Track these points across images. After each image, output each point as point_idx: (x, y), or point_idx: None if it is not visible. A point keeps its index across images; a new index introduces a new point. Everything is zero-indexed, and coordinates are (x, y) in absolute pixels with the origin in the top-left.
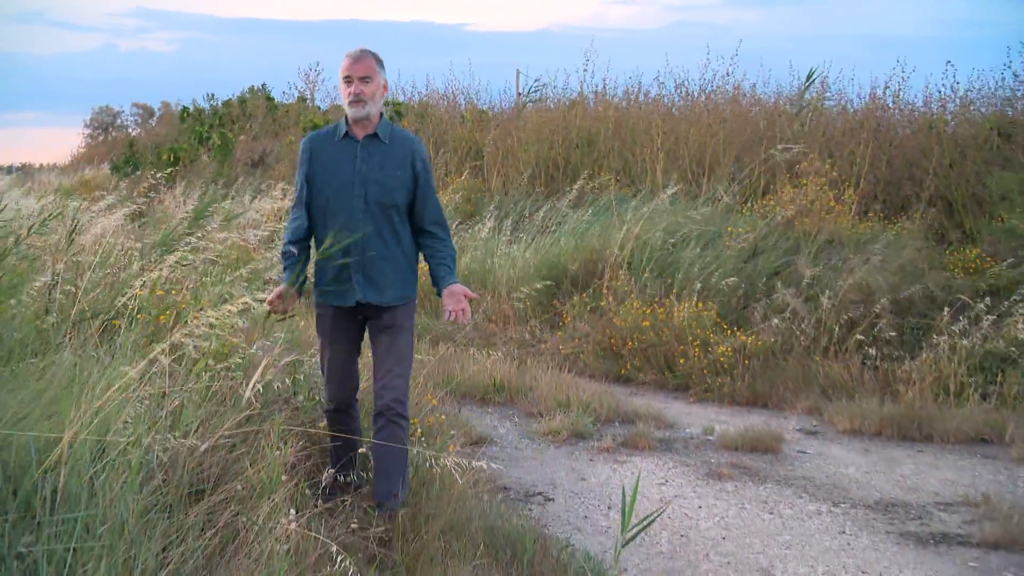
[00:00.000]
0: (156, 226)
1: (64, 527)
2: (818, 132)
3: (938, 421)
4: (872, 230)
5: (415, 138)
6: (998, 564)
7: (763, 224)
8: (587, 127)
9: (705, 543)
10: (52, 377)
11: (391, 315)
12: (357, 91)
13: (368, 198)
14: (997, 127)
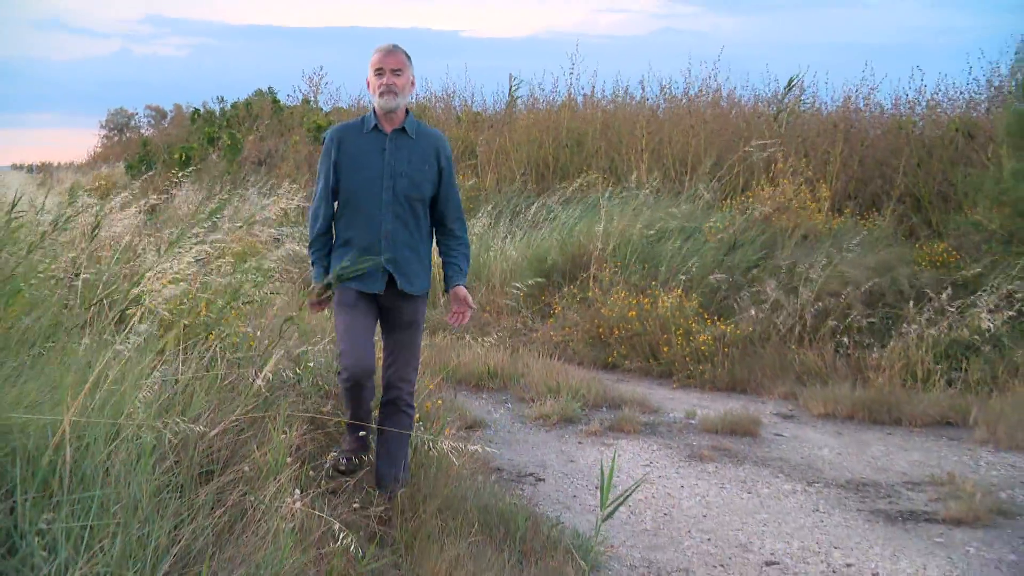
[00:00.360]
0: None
1: (81, 506)
2: (794, 133)
3: (906, 405)
4: (845, 226)
5: (440, 134)
6: (961, 539)
7: (742, 220)
8: (576, 128)
9: (687, 521)
10: (70, 364)
11: (412, 308)
12: (389, 82)
13: (396, 191)
14: (962, 128)
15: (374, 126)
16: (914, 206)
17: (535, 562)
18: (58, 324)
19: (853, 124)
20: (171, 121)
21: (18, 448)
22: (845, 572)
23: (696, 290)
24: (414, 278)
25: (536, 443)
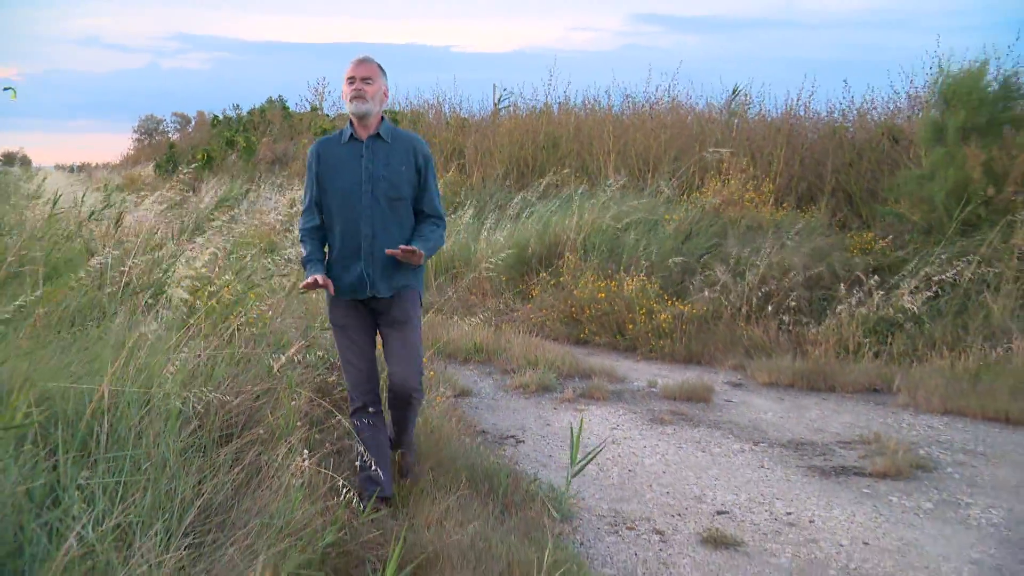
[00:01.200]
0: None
1: (115, 464)
2: (742, 136)
3: (839, 375)
4: (786, 218)
5: (416, 136)
6: (886, 491)
7: (696, 211)
8: (552, 132)
9: (649, 476)
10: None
11: (400, 308)
12: (358, 87)
13: (375, 194)
14: (887, 133)
15: (350, 136)
16: (846, 200)
17: (515, 513)
18: (94, 304)
19: (793, 129)
20: (194, 126)
21: (59, 413)
22: (786, 520)
23: (657, 274)
24: (394, 276)
25: (516, 409)
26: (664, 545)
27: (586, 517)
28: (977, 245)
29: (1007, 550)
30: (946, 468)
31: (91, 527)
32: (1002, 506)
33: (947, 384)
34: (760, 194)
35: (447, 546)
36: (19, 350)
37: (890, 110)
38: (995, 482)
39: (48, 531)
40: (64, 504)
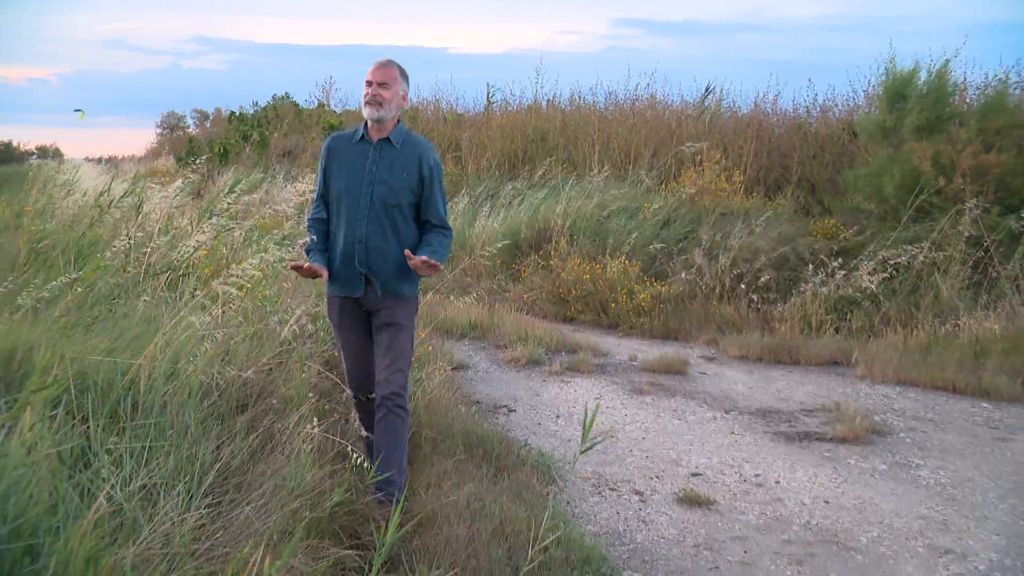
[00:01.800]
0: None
1: (142, 430)
2: (715, 131)
3: (803, 349)
4: (755, 206)
5: (427, 145)
6: (845, 454)
7: (673, 200)
8: (540, 127)
9: (630, 442)
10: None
11: (390, 312)
12: (374, 93)
13: (374, 197)
14: (846, 128)
15: (362, 136)
16: (809, 190)
17: (507, 476)
18: (120, 286)
19: (762, 124)
20: (212, 121)
21: (91, 384)
22: (754, 481)
23: (637, 257)
24: (384, 280)
25: (508, 381)
26: (643, 504)
27: (572, 480)
28: (928, 231)
29: (953, 507)
30: (899, 433)
31: (119, 488)
32: (948, 467)
33: (900, 357)
34: (732, 184)
35: (444, 506)
36: (53, 326)
37: (849, 107)
38: (943, 446)
39: (80, 491)
40: (94, 466)
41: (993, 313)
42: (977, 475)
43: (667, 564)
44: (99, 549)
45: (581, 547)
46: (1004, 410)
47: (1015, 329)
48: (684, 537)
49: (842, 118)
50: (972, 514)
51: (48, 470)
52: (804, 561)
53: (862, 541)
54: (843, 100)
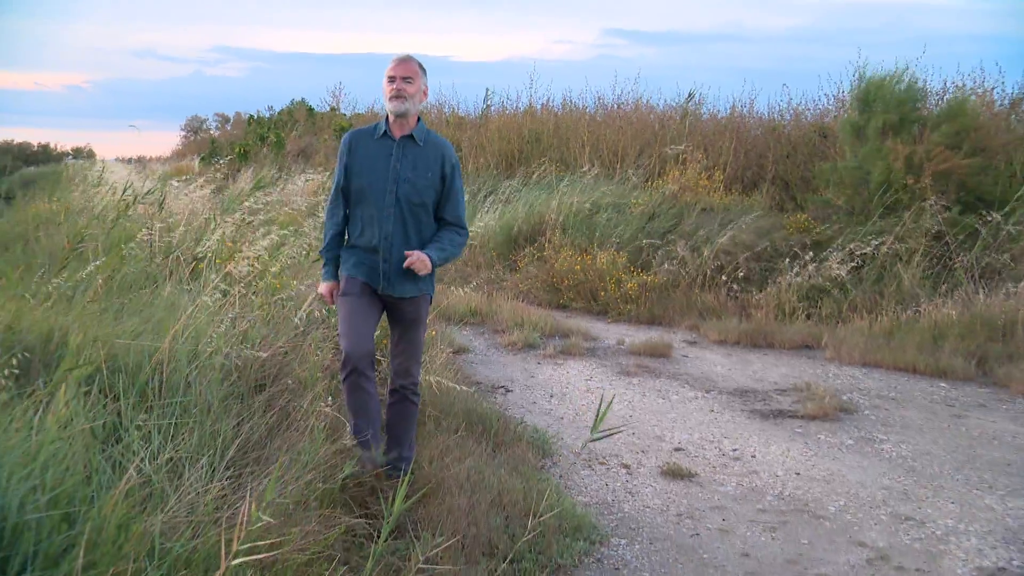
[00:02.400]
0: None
1: (168, 408)
2: (696, 133)
3: (777, 333)
4: (733, 202)
5: (447, 143)
6: (815, 430)
7: (658, 196)
8: (535, 128)
9: (618, 420)
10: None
11: (412, 307)
12: (399, 87)
13: (399, 195)
14: (817, 130)
15: (384, 132)
16: (783, 187)
17: (505, 450)
18: (146, 274)
19: (739, 126)
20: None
21: (121, 366)
22: (732, 455)
23: (625, 249)
24: (407, 282)
25: (505, 363)
26: (630, 477)
27: (564, 454)
28: (893, 225)
29: (913, 477)
30: (864, 411)
31: (148, 461)
32: (909, 441)
33: (866, 341)
34: (711, 181)
35: (447, 477)
36: (85, 312)
37: (819, 111)
38: (904, 422)
39: (112, 464)
40: (125, 441)
41: (950, 300)
42: (935, 449)
43: (652, 532)
44: (130, 517)
45: (573, 516)
46: (960, 389)
47: (970, 315)
48: (667, 507)
49: (813, 121)
50: (930, 484)
51: (82, 444)
52: (777, 528)
53: (830, 510)
54: (813, 104)
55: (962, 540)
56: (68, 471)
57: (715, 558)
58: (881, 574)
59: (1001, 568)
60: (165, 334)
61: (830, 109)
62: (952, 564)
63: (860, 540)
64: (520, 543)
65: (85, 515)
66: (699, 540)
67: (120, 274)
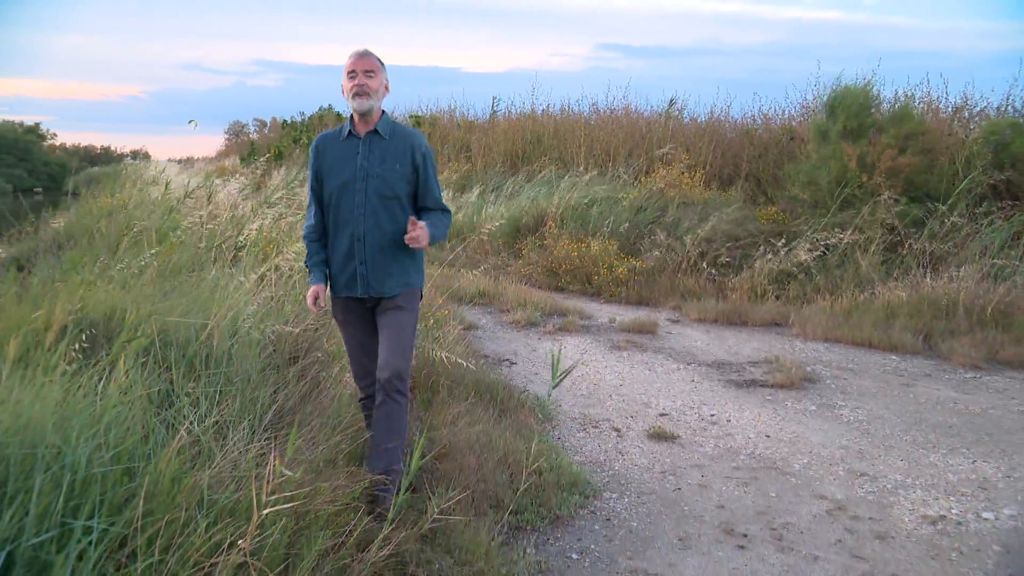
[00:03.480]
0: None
1: (214, 377)
2: (679, 135)
3: (750, 313)
4: (712, 196)
5: (415, 132)
6: (783, 397)
7: (645, 192)
8: (536, 131)
9: (609, 389)
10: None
11: (392, 300)
12: (361, 83)
13: (368, 192)
14: (786, 133)
15: (348, 131)
16: (756, 183)
17: (509, 416)
18: (194, 260)
19: (717, 130)
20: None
21: (172, 340)
22: (710, 419)
23: (616, 238)
24: (386, 279)
25: (510, 339)
26: (620, 439)
27: (562, 419)
28: (852, 217)
29: (867, 439)
30: (826, 380)
31: (196, 423)
32: (864, 407)
33: (827, 319)
34: (693, 179)
35: (458, 440)
36: (141, 293)
37: (787, 116)
38: (860, 390)
39: (165, 425)
40: (177, 406)
41: (901, 284)
42: (886, 413)
43: (639, 487)
44: (181, 472)
45: (569, 473)
46: (909, 361)
47: (918, 296)
48: (653, 465)
49: (781, 125)
50: (882, 444)
51: (140, 408)
52: (749, 483)
53: (795, 467)
54: (782, 111)
55: (909, 493)
56: (128, 431)
57: (694, 510)
58: (839, 523)
59: (942, 516)
60: (210, 312)
61: (796, 115)
62: (900, 513)
63: (821, 493)
64: (522, 496)
65: (143, 470)
66: (680, 494)
67: (172, 260)
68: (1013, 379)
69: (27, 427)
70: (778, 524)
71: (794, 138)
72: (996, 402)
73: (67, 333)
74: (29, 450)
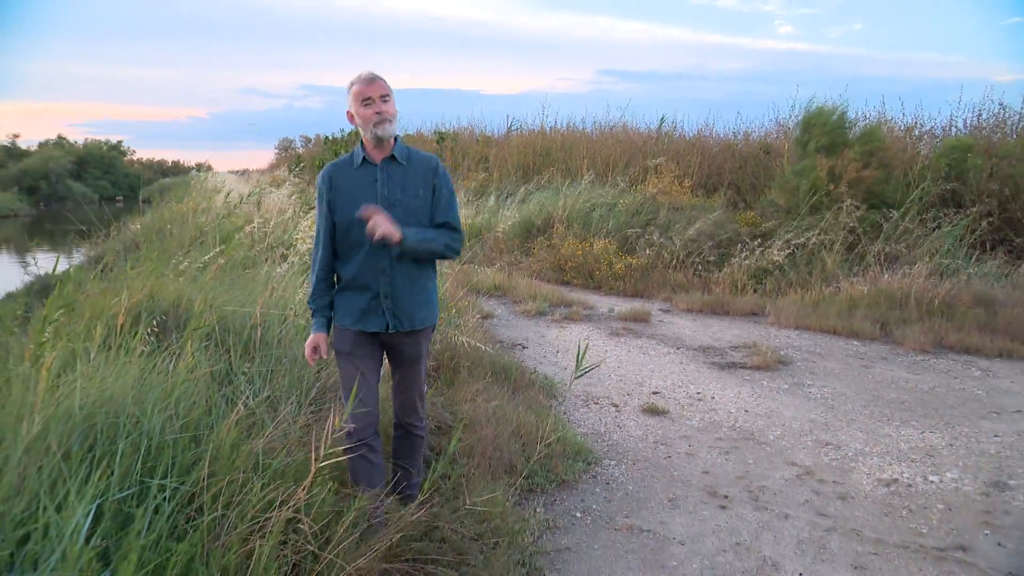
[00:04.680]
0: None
1: (266, 358)
2: (670, 149)
3: (731, 304)
4: (698, 202)
5: (432, 156)
6: (759, 377)
7: (640, 198)
8: (546, 145)
9: (609, 370)
10: (256, 280)
11: (414, 343)
12: (380, 110)
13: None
14: (763, 148)
15: (363, 159)
16: (736, 191)
17: (521, 393)
18: (250, 255)
19: (703, 144)
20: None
21: (231, 326)
22: (696, 396)
23: (614, 238)
24: (415, 313)
25: (522, 326)
26: (618, 413)
27: (568, 396)
28: (819, 221)
29: (831, 413)
30: (797, 363)
31: (252, 398)
32: (829, 386)
33: (798, 310)
34: (681, 187)
35: (477, 414)
36: (206, 286)
37: (764, 133)
38: (826, 371)
39: (225, 399)
40: (234, 383)
41: (862, 279)
42: (848, 391)
43: (634, 455)
44: (239, 440)
45: (574, 443)
46: (868, 346)
47: (876, 290)
48: (647, 436)
49: (759, 141)
50: (845, 418)
51: (204, 385)
52: (730, 452)
53: (770, 437)
54: (759, 128)
55: (867, 459)
56: (194, 405)
57: (683, 475)
58: (807, 486)
59: (895, 479)
60: (261, 303)
61: (772, 132)
62: (859, 477)
63: (792, 460)
64: (533, 463)
65: (207, 438)
66: (671, 461)
67: (230, 258)
68: (955, 361)
69: (111, 400)
70: (755, 487)
71: (769, 152)
72: (941, 381)
73: (141, 320)
74: (113, 419)
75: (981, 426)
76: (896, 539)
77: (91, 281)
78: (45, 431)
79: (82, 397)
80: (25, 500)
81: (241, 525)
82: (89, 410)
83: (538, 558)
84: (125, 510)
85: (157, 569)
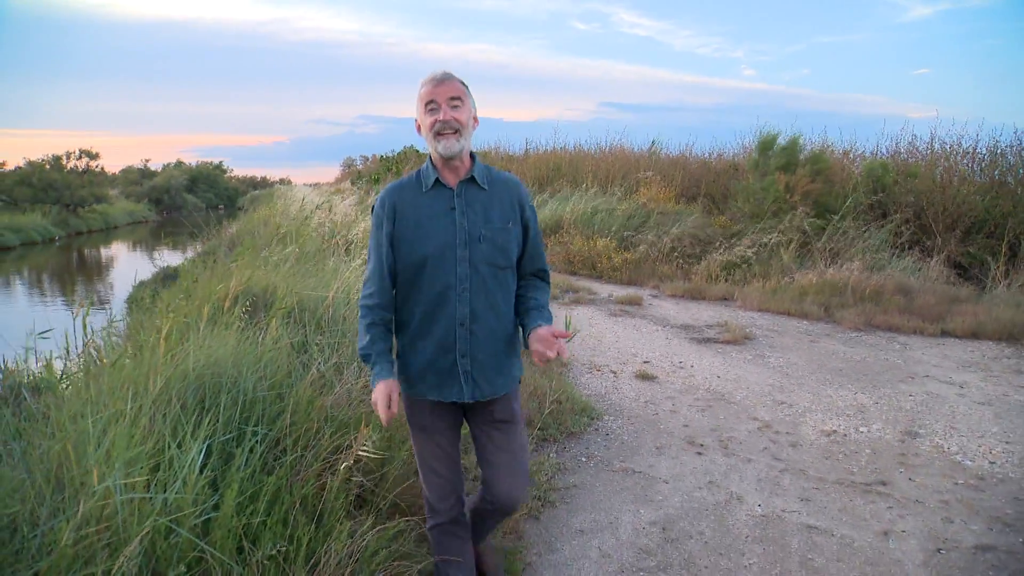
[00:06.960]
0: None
1: (334, 332)
2: (657, 166)
3: (707, 291)
4: (681, 209)
5: (514, 178)
6: (730, 350)
7: (634, 205)
8: (557, 162)
9: (608, 344)
10: (326, 270)
11: (504, 406)
12: (446, 118)
13: (475, 261)
14: (732, 166)
15: (435, 180)
16: (711, 200)
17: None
18: (321, 250)
19: (685, 162)
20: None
21: (306, 307)
22: (679, 365)
23: (613, 237)
24: (498, 375)
25: None
26: (616, 379)
27: (576, 365)
28: (778, 224)
29: (786, 379)
30: (759, 338)
31: (323, 363)
32: (785, 358)
33: (761, 295)
34: (668, 197)
35: None
36: (286, 274)
37: (732, 154)
38: (782, 345)
39: (302, 365)
40: (309, 352)
41: (811, 271)
42: (800, 361)
43: (629, 412)
44: (313, 397)
45: (579, 402)
46: (815, 325)
47: (822, 280)
48: (639, 397)
49: (728, 160)
50: (797, 383)
51: (286, 353)
52: (705, 410)
53: (737, 398)
54: (729, 150)
55: (814, 415)
56: (279, 368)
57: (667, 428)
58: (766, 436)
59: (834, 431)
60: (330, 287)
61: (738, 153)
62: (807, 430)
63: (754, 416)
64: (546, 417)
65: (288, 395)
66: (658, 417)
67: (302, 250)
68: (881, 337)
69: (215, 364)
70: (725, 437)
71: (737, 169)
72: (871, 354)
73: (238, 301)
74: (217, 379)
75: (899, 388)
76: (834, 477)
77: (202, 272)
78: (167, 387)
79: (194, 361)
80: (154, 439)
81: (315, 464)
82: (199, 371)
83: (551, 493)
84: (228, 450)
85: (253, 496)
